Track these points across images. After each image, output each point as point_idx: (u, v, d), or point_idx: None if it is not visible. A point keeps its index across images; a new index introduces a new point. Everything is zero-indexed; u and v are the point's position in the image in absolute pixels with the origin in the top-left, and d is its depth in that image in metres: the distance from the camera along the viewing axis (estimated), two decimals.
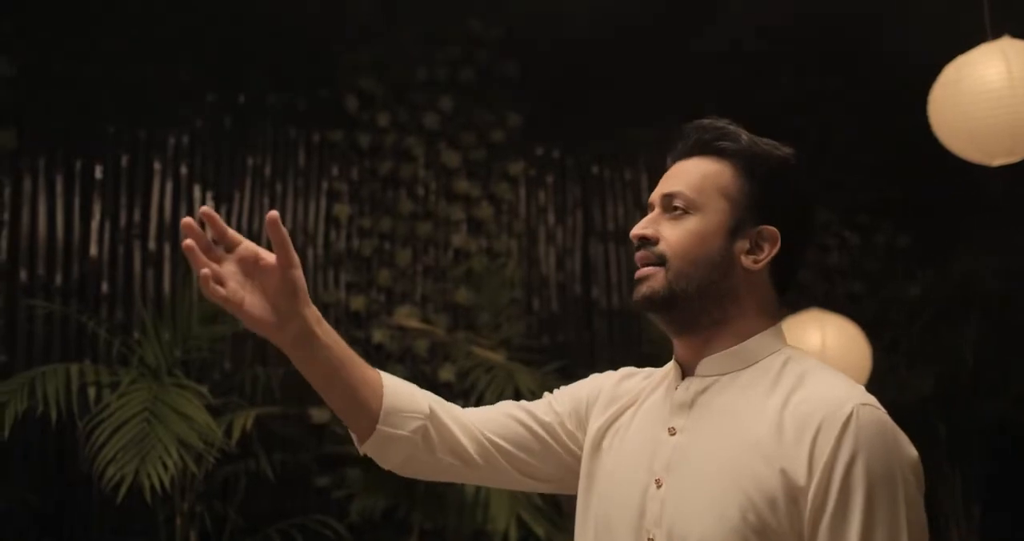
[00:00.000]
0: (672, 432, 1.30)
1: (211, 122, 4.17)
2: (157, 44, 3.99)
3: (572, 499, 3.72)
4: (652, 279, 1.30)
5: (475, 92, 4.54)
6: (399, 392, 1.40)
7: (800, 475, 1.17)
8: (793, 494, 1.17)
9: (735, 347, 1.29)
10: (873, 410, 1.20)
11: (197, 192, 4.10)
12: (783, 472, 1.18)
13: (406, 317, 4.18)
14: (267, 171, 4.25)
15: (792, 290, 1.36)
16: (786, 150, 1.34)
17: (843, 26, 4.45)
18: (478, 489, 3.42)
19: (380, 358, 4.14)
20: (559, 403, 1.49)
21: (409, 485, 3.82)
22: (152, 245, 3.99)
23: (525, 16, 4.43)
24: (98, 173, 3.97)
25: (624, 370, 1.50)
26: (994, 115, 3.05)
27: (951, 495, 4.60)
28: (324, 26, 4.31)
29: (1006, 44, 3.08)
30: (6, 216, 3.80)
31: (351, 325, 4.21)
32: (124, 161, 4.02)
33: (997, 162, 3.16)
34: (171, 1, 4.02)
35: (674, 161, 1.36)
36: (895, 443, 1.19)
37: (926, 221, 5.07)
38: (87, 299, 3.85)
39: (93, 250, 3.90)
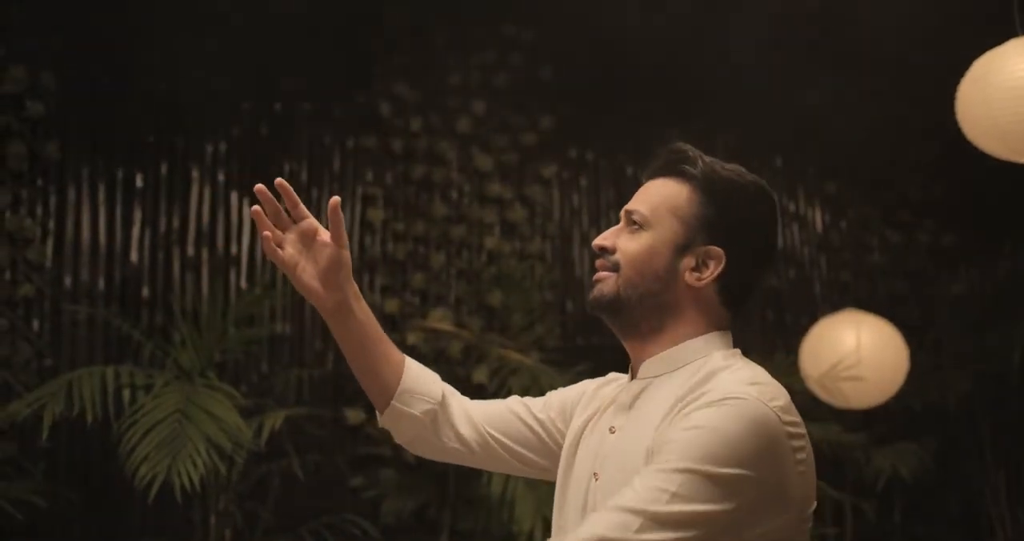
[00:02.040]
0: (612, 431, 1.43)
1: (247, 130, 4.27)
2: (194, 55, 4.09)
3: None
4: (604, 283, 1.44)
5: (508, 95, 4.57)
6: (418, 376, 1.60)
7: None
8: None
9: (667, 351, 1.41)
10: (743, 403, 1.26)
11: (234, 199, 4.19)
12: (647, 451, 1.31)
13: (439, 320, 4.23)
14: (303, 177, 4.33)
15: (743, 307, 1.46)
16: (748, 178, 1.45)
17: (882, 25, 4.39)
18: (504, 489, 3.45)
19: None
20: (553, 402, 1.65)
21: (440, 486, 3.87)
22: (191, 251, 4.10)
23: (558, 19, 4.45)
24: (139, 182, 4.09)
25: (609, 376, 1.63)
26: (1022, 111, 3.01)
27: (995, 497, 4.51)
28: (357, 32, 4.38)
29: None
30: (51, 224, 3.93)
31: (386, 328, 4.20)
32: (163, 169, 4.13)
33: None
34: (206, 13, 4.12)
35: (646, 180, 1.49)
36: (740, 435, 1.24)
37: (970, 219, 4.98)
38: (128, 304, 3.96)
39: (133, 256, 4.02)
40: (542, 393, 3.45)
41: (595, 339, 4.54)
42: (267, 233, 1.48)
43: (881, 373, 3.99)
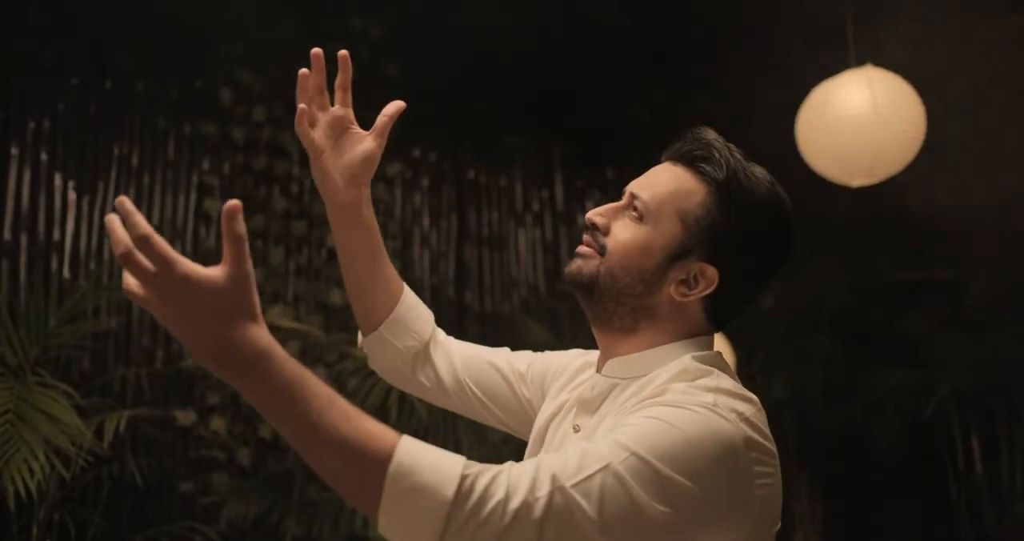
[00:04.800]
0: (576, 429, 1.34)
1: (75, 107, 3.95)
2: (18, 20, 3.74)
3: None
4: (586, 261, 1.31)
5: (354, 90, 4.45)
6: (411, 308, 1.51)
7: None
8: None
9: (637, 354, 1.29)
10: (710, 415, 1.14)
11: (58, 180, 3.87)
12: None
13: (279, 316, 4.07)
14: (134, 161, 4.05)
15: (727, 323, 1.33)
16: (772, 195, 1.28)
17: (717, 43, 4.61)
18: None
19: None
20: (536, 368, 1.55)
21: (282, 492, 3.72)
22: (7, 235, 3.74)
23: (407, 17, 4.39)
24: None
25: (589, 355, 1.49)
26: (857, 138, 3.24)
27: (797, 497, 4.83)
28: (199, 12, 4.15)
29: (870, 72, 3.28)
30: None
31: None
32: None
33: (856, 183, 3.35)
34: None
35: (665, 159, 1.33)
36: (700, 445, 1.11)
37: None
38: None
39: None
40: (397, 396, 3.42)
41: None
42: (303, 106, 1.35)
43: None
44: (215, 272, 0.96)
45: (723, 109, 4.65)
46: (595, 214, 1.32)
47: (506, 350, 1.58)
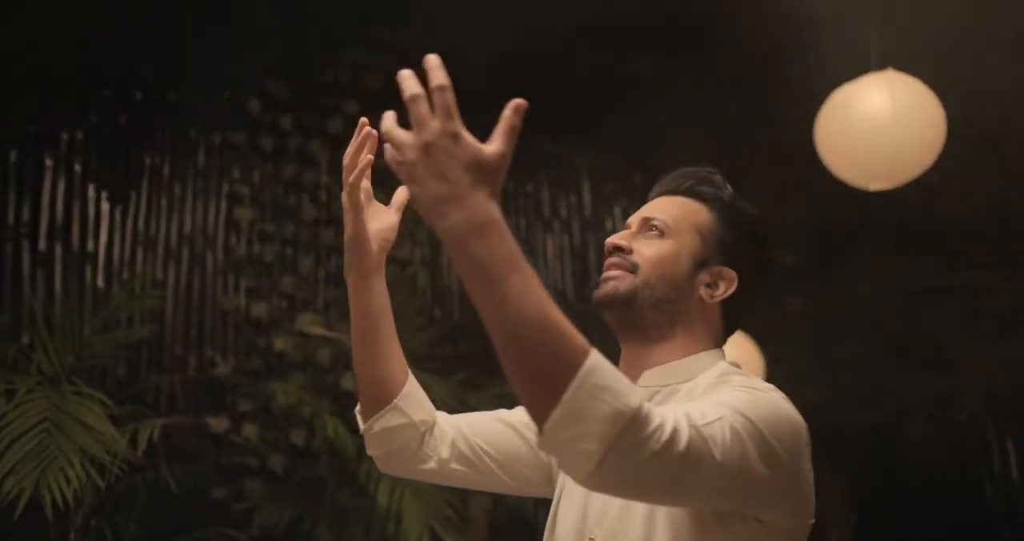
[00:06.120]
0: None
1: (107, 118, 4.00)
2: (52, 32, 3.79)
3: (480, 507, 3.68)
4: (620, 280, 1.40)
5: (380, 97, 4.49)
6: (419, 386, 1.53)
7: None
8: None
9: (676, 361, 1.38)
10: (783, 398, 1.26)
11: (91, 191, 3.93)
12: None
13: (310, 324, 4.10)
14: (165, 171, 4.10)
15: (734, 331, 1.46)
16: (760, 217, 1.48)
17: (743, 47, 4.60)
18: (390, 502, 3.38)
19: (282, 367, 4.04)
20: None
21: (314, 498, 3.75)
22: (43, 245, 3.79)
23: (431, 23, 4.41)
24: None
25: None
26: (876, 141, 3.23)
27: (829, 503, 4.80)
28: (226, 24, 4.19)
29: (891, 76, 3.27)
30: None
31: (252, 332, 4.10)
32: (13, 156, 3.81)
33: (875, 187, 3.34)
34: None
35: (660, 195, 1.48)
36: (789, 419, 1.22)
37: (813, 239, 5.26)
38: None
39: None
40: (433, 402, 3.44)
41: (463, 347, 4.52)
42: (368, 158, 1.43)
43: None
44: (482, 144, 1.03)
45: (747, 111, 4.64)
46: (617, 239, 1.43)
47: (498, 411, 1.59)
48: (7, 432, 2.89)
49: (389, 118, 1.04)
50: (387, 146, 1.04)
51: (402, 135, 1.02)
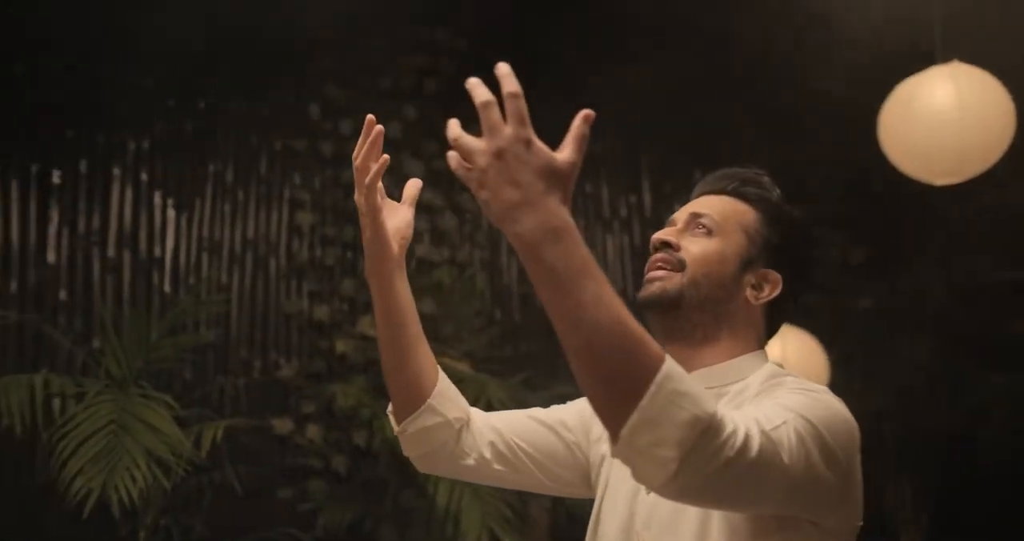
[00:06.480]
0: None
1: (171, 127, 4.10)
2: (117, 46, 3.90)
3: (540, 508, 3.68)
4: (666, 280, 1.37)
5: (439, 101, 4.52)
6: (450, 383, 1.50)
7: None
8: None
9: (723, 363, 1.37)
10: (838, 400, 1.24)
11: (157, 198, 4.02)
12: None
13: (371, 326, 4.14)
14: (228, 178, 4.18)
15: (774, 334, 1.44)
16: (805, 219, 1.47)
17: (796, 43, 4.53)
18: (449, 502, 3.40)
19: (343, 369, 4.10)
20: (571, 409, 1.55)
21: (376, 498, 3.79)
22: (112, 252, 3.90)
23: (491, 27, 4.43)
24: (56, 178, 3.88)
25: None
26: (942, 136, 3.14)
27: (901, 506, 4.70)
28: (286, 31, 4.26)
29: (956, 68, 3.18)
30: None
31: (315, 335, 4.16)
32: (83, 166, 3.92)
33: (940, 182, 3.25)
34: (131, 2, 3.94)
35: (704, 193, 1.46)
36: (846, 421, 1.21)
37: (881, 235, 5.16)
38: (45, 307, 3.75)
39: (51, 257, 3.80)
40: (489, 404, 3.45)
41: (523, 348, 4.53)
42: (384, 158, 1.42)
43: None
44: (553, 151, 1.03)
45: (808, 107, 4.57)
46: (663, 234, 1.41)
47: (533, 409, 1.58)
48: (76, 434, 2.97)
49: (456, 126, 1.03)
50: (451, 153, 1.03)
51: (472, 142, 1.01)
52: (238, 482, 3.54)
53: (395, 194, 4.21)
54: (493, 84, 1.00)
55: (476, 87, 1.01)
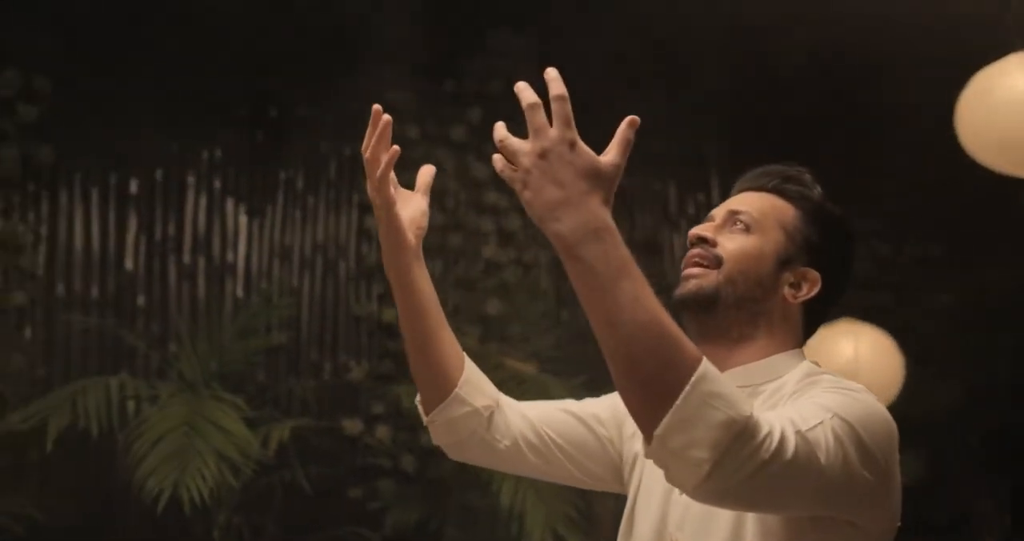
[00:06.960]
0: None
1: (243, 136, 4.21)
2: (190, 58, 4.03)
3: (605, 507, 3.68)
4: (703, 278, 1.36)
5: (502, 104, 4.54)
6: (476, 368, 1.50)
7: None
8: None
9: (758, 361, 1.35)
10: (876, 400, 1.22)
11: (230, 206, 4.14)
12: None
13: None
14: (299, 184, 4.28)
15: (812, 334, 1.42)
16: (846, 217, 1.46)
17: (865, 36, 4.44)
18: (512, 501, 3.43)
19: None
20: (604, 403, 1.55)
21: (442, 498, 3.84)
22: (187, 258, 4.03)
23: (553, 26, 4.44)
24: (133, 187, 4.02)
25: None
26: (1022, 126, 3.05)
27: (983, 506, 4.58)
28: (351, 36, 4.34)
29: None
30: (43, 230, 3.85)
31: (384, 337, 4.23)
32: (159, 175, 4.06)
33: (1022, 173, 3.16)
34: (203, 14, 4.05)
35: (741, 191, 1.45)
36: (885, 421, 1.20)
37: (957, 230, 5.03)
38: (123, 312, 3.89)
39: (129, 263, 3.95)
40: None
41: (588, 349, 4.52)
42: (395, 149, 1.43)
43: (879, 382, 4.01)
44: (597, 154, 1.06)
45: (882, 100, 4.48)
46: (700, 230, 1.39)
47: (567, 401, 1.58)
48: (150, 435, 3.08)
49: (502, 128, 1.08)
50: (496, 156, 1.08)
51: (518, 143, 1.05)
52: (309, 482, 3.63)
53: (461, 195, 4.22)
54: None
55: (523, 90, 1.05)
